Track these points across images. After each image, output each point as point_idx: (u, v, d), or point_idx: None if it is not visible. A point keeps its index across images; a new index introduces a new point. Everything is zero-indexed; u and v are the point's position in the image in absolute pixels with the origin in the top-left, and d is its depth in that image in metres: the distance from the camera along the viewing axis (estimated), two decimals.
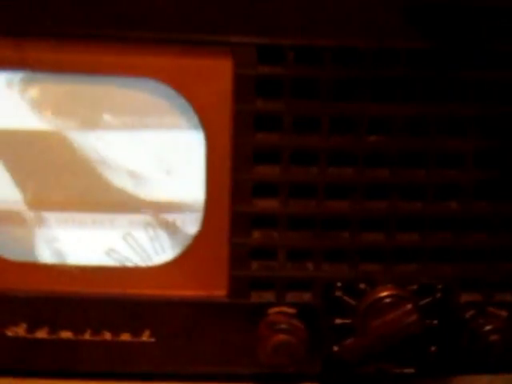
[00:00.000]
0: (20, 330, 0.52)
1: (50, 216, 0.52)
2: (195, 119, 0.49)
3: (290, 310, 0.52)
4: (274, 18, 0.47)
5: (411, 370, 0.54)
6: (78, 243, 0.52)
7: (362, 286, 0.52)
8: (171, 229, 0.53)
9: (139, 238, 0.53)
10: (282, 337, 0.51)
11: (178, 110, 0.50)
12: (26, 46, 0.47)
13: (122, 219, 0.52)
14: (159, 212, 0.52)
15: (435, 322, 0.53)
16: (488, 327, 0.52)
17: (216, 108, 0.49)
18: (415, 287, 0.52)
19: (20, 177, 0.51)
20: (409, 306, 0.50)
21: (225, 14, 0.47)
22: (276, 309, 0.52)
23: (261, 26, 0.47)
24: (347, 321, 0.53)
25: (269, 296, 0.53)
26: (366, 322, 0.51)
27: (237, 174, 0.50)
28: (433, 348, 0.54)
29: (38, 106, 0.50)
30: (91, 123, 0.50)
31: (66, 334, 0.53)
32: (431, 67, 0.49)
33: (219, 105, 0.49)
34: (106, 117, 0.50)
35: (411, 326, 0.50)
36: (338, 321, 0.53)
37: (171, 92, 0.49)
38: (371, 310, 0.51)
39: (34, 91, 0.49)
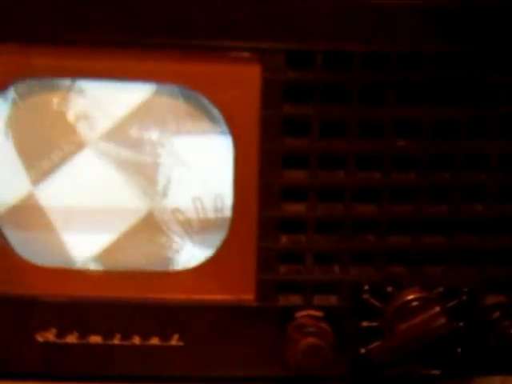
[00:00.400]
0: (50, 335, 0.53)
1: (78, 221, 0.52)
2: (223, 124, 0.50)
3: (318, 313, 0.53)
4: (302, 24, 0.47)
5: (437, 372, 0.55)
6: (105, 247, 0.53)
7: (389, 288, 0.52)
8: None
9: None
10: (310, 340, 0.51)
11: (206, 116, 0.50)
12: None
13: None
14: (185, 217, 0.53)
15: (461, 323, 0.53)
16: None
17: (244, 113, 0.49)
18: (441, 289, 0.53)
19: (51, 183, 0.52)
20: (437, 309, 0.51)
21: (253, 20, 0.47)
22: (303, 312, 0.53)
23: (289, 31, 0.47)
24: (374, 323, 0.53)
25: (296, 299, 0.53)
26: (394, 325, 0.51)
27: (265, 178, 0.50)
28: (459, 349, 0.54)
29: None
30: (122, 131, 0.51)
31: (96, 339, 0.53)
32: (457, 70, 0.49)
33: (247, 110, 0.49)
34: (137, 122, 0.51)
35: (439, 329, 0.50)
36: (365, 323, 0.53)
37: (199, 97, 0.49)
38: (399, 313, 0.51)
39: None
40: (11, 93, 0.50)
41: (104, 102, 0.50)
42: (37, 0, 0.46)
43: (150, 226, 0.53)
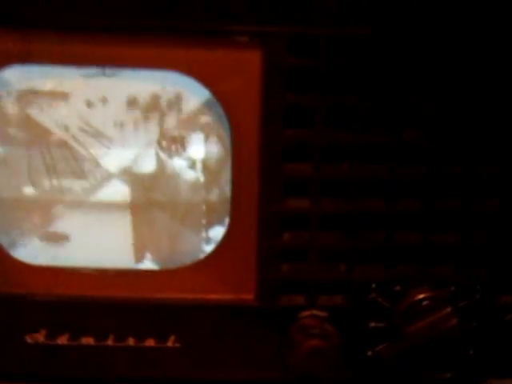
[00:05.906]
0: (40, 337, 0.51)
1: (70, 218, 0.50)
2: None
3: (322, 314, 0.50)
4: (305, 8, 0.45)
5: (449, 375, 0.52)
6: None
7: (398, 288, 0.50)
8: None
9: None
10: (314, 342, 0.49)
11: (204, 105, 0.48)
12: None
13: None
14: None
15: (474, 324, 0.51)
16: None
17: (244, 101, 0.47)
18: (453, 289, 0.50)
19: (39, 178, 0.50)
20: (448, 310, 0.48)
21: (254, 3, 0.45)
22: (307, 312, 0.50)
23: (292, 15, 0.45)
24: (382, 324, 0.51)
25: (299, 299, 0.51)
26: (403, 326, 0.49)
27: (265, 171, 0.48)
28: (471, 351, 0.52)
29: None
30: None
31: (88, 340, 0.51)
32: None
33: (247, 98, 0.47)
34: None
35: (450, 331, 0.48)
36: (373, 324, 0.51)
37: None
38: (408, 314, 0.49)
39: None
40: None
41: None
42: None
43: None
